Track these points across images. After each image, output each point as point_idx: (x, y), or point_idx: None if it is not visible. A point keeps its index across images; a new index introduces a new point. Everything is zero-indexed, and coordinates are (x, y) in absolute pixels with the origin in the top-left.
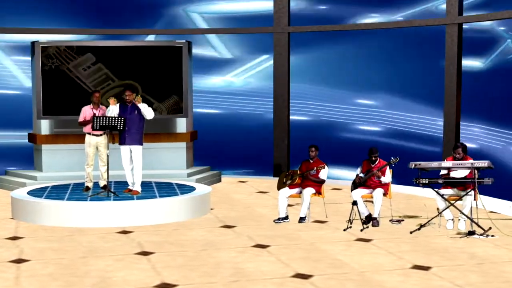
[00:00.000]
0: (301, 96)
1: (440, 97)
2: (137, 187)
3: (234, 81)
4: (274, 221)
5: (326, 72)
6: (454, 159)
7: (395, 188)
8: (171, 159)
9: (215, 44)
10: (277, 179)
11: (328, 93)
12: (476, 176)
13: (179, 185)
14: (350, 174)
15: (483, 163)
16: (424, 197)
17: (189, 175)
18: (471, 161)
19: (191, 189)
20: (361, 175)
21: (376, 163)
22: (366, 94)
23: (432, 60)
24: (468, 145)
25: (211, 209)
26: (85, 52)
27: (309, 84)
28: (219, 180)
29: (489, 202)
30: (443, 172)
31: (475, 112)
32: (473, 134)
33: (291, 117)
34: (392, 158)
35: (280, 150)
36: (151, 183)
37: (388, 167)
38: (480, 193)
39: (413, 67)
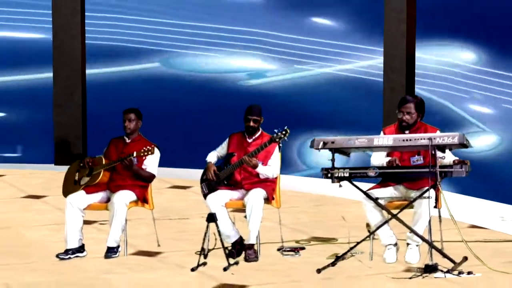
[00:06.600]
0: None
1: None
2: None
3: None
4: (57, 255)
5: None
6: (400, 127)
7: (287, 187)
8: None
9: None
10: (64, 171)
11: None
12: (438, 163)
13: None
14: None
15: (452, 138)
16: (342, 202)
17: None
18: (428, 134)
19: None
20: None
21: (256, 136)
22: None
23: None
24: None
25: None
26: None
27: None
28: None
29: (463, 209)
30: (376, 156)
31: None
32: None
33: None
34: (276, 131)
35: (66, 115)
36: None
37: (278, 147)
38: (445, 191)
39: None
